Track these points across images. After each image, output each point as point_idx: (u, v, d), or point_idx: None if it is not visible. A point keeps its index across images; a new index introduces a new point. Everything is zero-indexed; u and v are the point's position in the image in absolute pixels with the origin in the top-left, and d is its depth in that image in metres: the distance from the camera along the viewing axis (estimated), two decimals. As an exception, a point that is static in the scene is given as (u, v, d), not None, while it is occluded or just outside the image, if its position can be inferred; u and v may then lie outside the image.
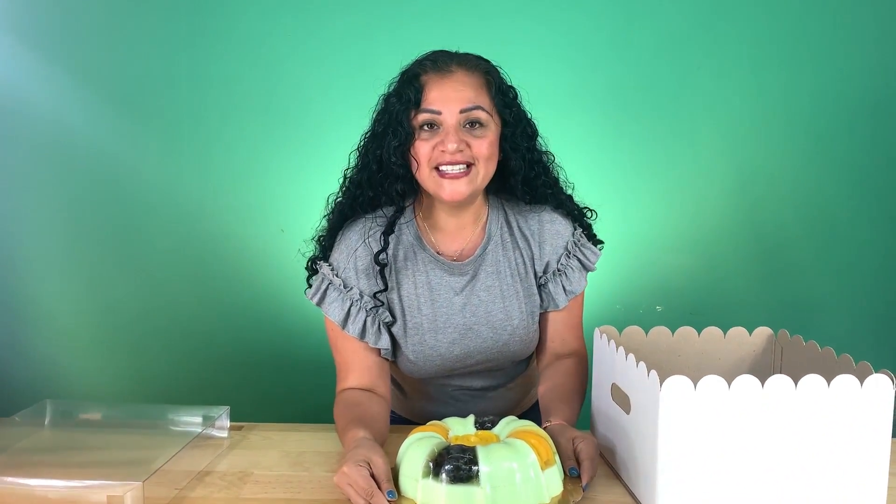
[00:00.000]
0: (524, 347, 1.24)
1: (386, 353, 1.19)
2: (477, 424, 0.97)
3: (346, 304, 1.16)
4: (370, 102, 1.19)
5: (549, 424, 1.06)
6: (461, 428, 0.96)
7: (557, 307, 1.22)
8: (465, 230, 1.21)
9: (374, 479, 0.88)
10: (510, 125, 1.16)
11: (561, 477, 0.92)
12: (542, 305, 1.23)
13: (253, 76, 1.92)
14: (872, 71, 1.92)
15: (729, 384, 0.84)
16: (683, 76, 1.94)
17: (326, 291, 1.17)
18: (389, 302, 1.19)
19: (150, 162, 1.95)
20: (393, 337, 1.20)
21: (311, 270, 1.22)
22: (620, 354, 0.97)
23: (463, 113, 1.10)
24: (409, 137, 1.11)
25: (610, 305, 1.95)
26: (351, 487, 0.88)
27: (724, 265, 2.00)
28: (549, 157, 1.24)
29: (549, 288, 1.22)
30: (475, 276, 1.20)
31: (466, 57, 1.16)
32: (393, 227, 1.17)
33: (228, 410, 1.14)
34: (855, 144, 1.95)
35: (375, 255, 1.16)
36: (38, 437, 1.12)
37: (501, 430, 0.95)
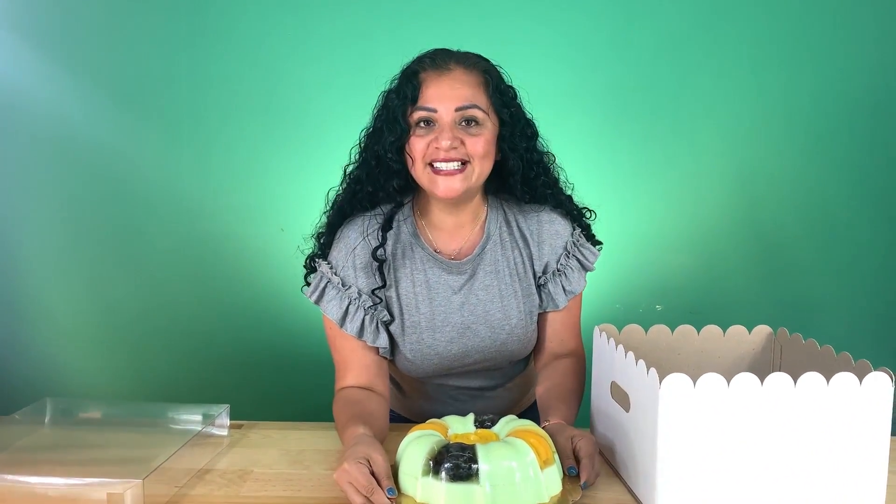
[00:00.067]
0: (522, 347, 1.24)
1: (384, 351, 1.19)
2: (476, 423, 0.97)
3: (344, 302, 1.16)
4: (370, 102, 1.19)
5: (547, 424, 1.06)
6: (461, 426, 0.96)
7: (557, 307, 1.22)
8: (463, 229, 1.21)
9: (373, 476, 0.88)
10: (508, 125, 1.16)
11: (560, 476, 0.92)
12: (541, 305, 1.23)
13: (253, 76, 1.92)
14: (872, 70, 1.93)
15: (728, 382, 0.84)
16: (683, 76, 1.94)
17: (325, 290, 1.17)
18: (387, 300, 1.19)
19: (150, 161, 1.95)
20: (391, 336, 1.20)
21: (309, 268, 1.23)
22: (620, 352, 0.97)
23: (458, 111, 1.10)
24: (405, 133, 1.12)
25: (609, 305, 1.96)
26: (350, 484, 0.88)
27: (723, 265, 2.01)
28: (549, 157, 1.24)
29: (548, 288, 1.22)
30: (473, 275, 1.20)
31: (466, 55, 1.16)
32: (391, 222, 1.18)
33: (228, 409, 1.14)
34: (854, 144, 1.95)
35: (373, 250, 1.16)
36: (38, 435, 1.12)
37: (501, 428, 0.95)
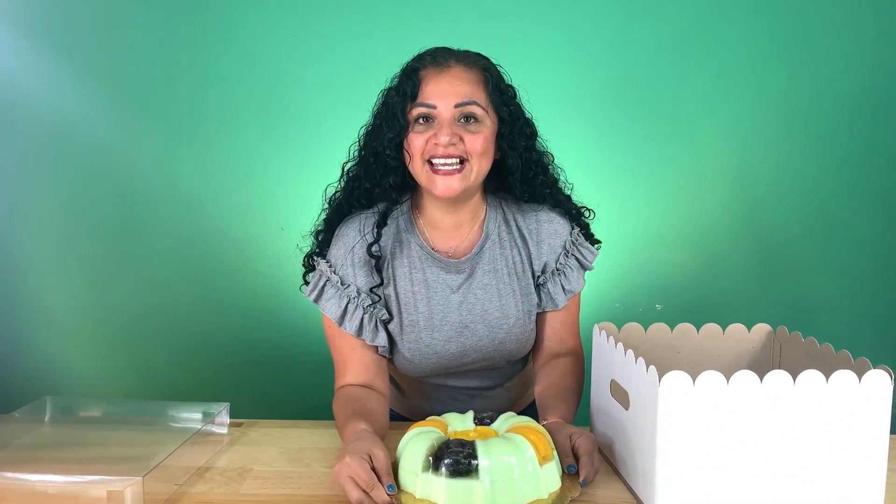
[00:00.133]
0: (520, 346, 1.24)
1: (383, 350, 1.19)
2: (476, 420, 0.97)
3: (343, 301, 1.16)
4: (370, 101, 1.19)
5: (545, 422, 1.06)
6: (460, 423, 0.96)
7: (557, 307, 1.22)
8: (462, 228, 1.21)
9: (374, 472, 0.88)
10: (507, 123, 1.16)
11: (559, 473, 0.92)
12: (540, 305, 1.23)
13: (253, 75, 1.93)
14: (872, 70, 1.93)
15: (727, 380, 0.84)
16: (683, 76, 1.95)
17: (324, 288, 1.17)
18: (386, 298, 1.19)
19: (150, 160, 1.95)
20: (390, 335, 1.20)
21: (307, 267, 1.23)
22: (619, 350, 0.97)
23: (458, 107, 1.10)
24: (403, 130, 1.12)
25: (609, 304, 1.96)
26: (350, 479, 0.87)
27: (723, 264, 2.01)
28: (548, 157, 1.24)
29: (548, 287, 1.22)
30: (472, 274, 1.20)
31: (466, 54, 1.16)
32: (386, 219, 1.17)
33: (228, 407, 1.14)
34: (854, 144, 1.95)
35: (368, 246, 1.16)
36: (38, 433, 1.12)
37: (500, 425, 0.95)
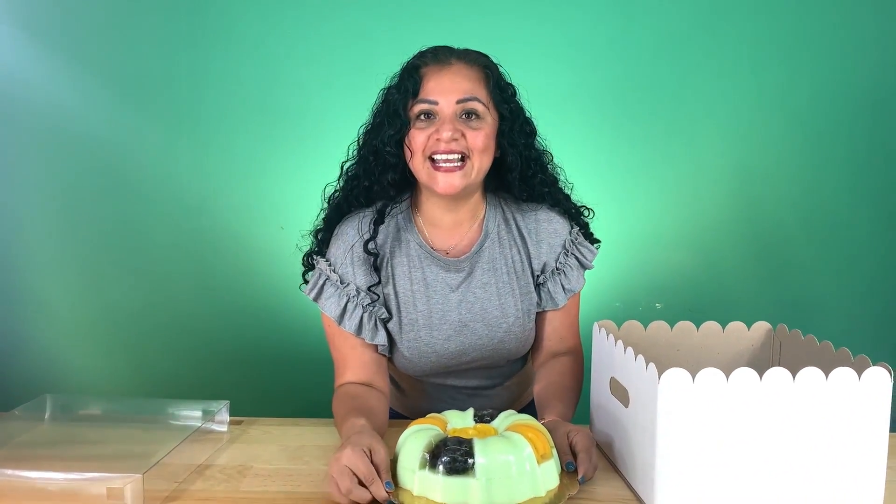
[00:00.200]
0: (519, 346, 1.24)
1: (383, 349, 1.19)
2: (476, 418, 0.97)
3: (342, 300, 1.16)
4: (369, 101, 1.20)
5: (544, 421, 1.05)
6: (460, 421, 0.96)
7: (556, 306, 1.22)
8: (461, 226, 1.21)
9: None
10: (507, 120, 1.16)
11: (558, 471, 0.92)
12: (540, 304, 1.23)
13: (253, 75, 1.93)
14: (871, 70, 1.93)
15: (727, 377, 0.84)
16: (682, 76, 1.95)
17: (323, 287, 1.17)
18: (385, 297, 1.19)
19: (150, 159, 1.95)
20: (389, 333, 1.20)
21: (307, 266, 1.23)
22: (619, 348, 0.97)
23: (459, 103, 1.10)
24: (404, 126, 1.12)
25: (609, 303, 1.96)
26: (346, 470, 0.87)
27: (723, 263, 2.01)
28: (547, 156, 1.24)
29: (547, 287, 1.22)
30: (471, 272, 1.20)
31: (466, 52, 1.17)
32: (383, 216, 1.17)
33: (228, 405, 1.14)
34: (853, 142, 1.96)
35: (365, 243, 1.16)
36: (38, 431, 1.12)
37: (500, 423, 0.95)
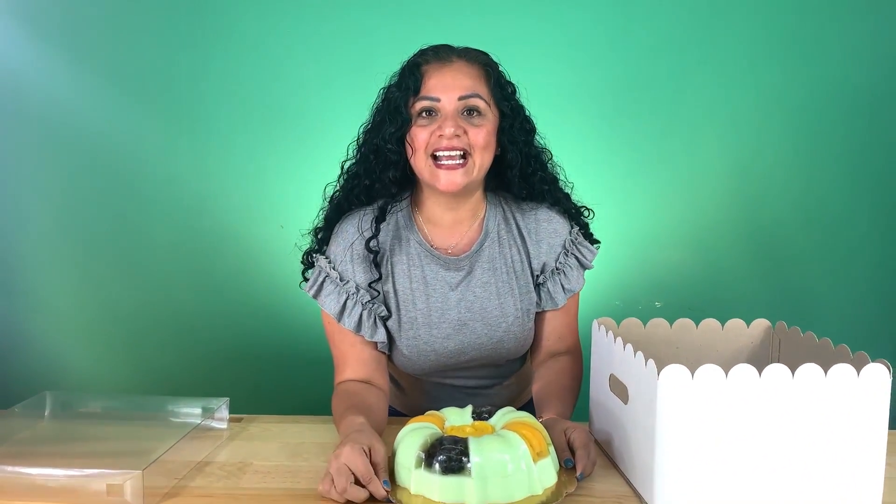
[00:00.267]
0: (518, 345, 1.24)
1: (382, 346, 1.19)
2: (474, 415, 0.97)
3: (342, 297, 1.16)
4: (369, 100, 1.20)
5: (541, 419, 1.05)
6: (458, 418, 0.96)
7: (556, 306, 1.22)
8: (461, 225, 1.21)
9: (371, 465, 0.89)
10: (508, 118, 1.16)
11: (556, 468, 0.92)
12: (540, 305, 1.23)
13: (253, 73, 1.93)
14: (867, 68, 1.94)
15: (726, 373, 0.84)
16: (680, 74, 1.95)
17: (323, 284, 1.18)
18: (385, 295, 1.19)
19: (150, 157, 1.95)
20: (388, 331, 1.20)
21: (306, 263, 1.23)
22: (619, 345, 0.97)
23: (461, 100, 1.11)
24: (406, 124, 1.12)
25: (609, 302, 1.96)
26: (344, 468, 0.87)
27: (722, 261, 2.01)
28: (547, 153, 1.24)
29: (547, 287, 1.22)
30: (471, 271, 1.20)
31: (467, 50, 1.17)
32: (384, 214, 1.18)
33: (228, 402, 1.14)
34: (851, 140, 1.96)
35: (366, 241, 1.16)
36: (37, 428, 1.13)
37: (497, 420, 0.95)
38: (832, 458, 0.86)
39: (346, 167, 1.23)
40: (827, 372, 0.84)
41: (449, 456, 0.86)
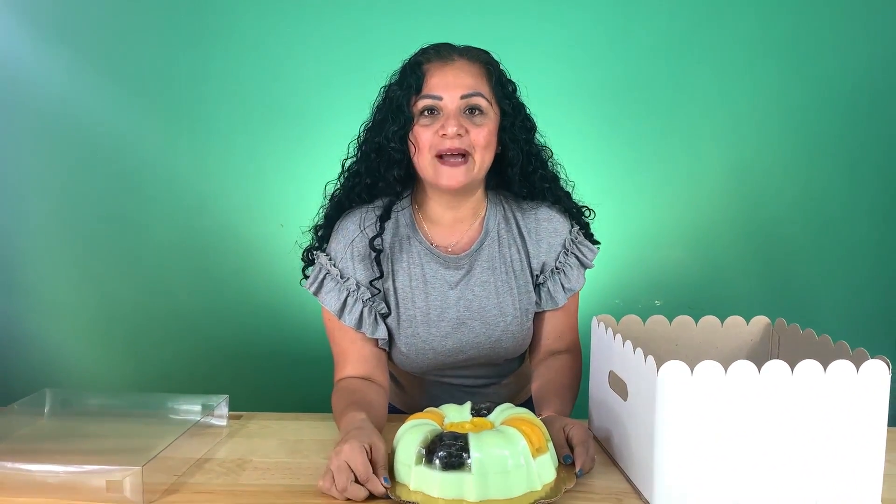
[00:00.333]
0: (517, 344, 1.24)
1: (383, 343, 1.19)
2: (473, 411, 0.97)
3: (342, 294, 1.16)
4: (368, 98, 1.20)
5: (540, 417, 1.05)
6: (457, 415, 0.96)
7: (557, 305, 1.22)
8: (462, 224, 1.21)
9: (371, 463, 0.89)
10: (509, 116, 1.16)
11: (555, 465, 0.92)
12: (540, 304, 1.23)
13: (253, 72, 1.93)
14: (866, 66, 1.94)
15: (726, 370, 0.84)
16: (680, 73, 1.95)
17: (323, 281, 1.18)
18: (384, 293, 1.19)
19: (150, 155, 1.95)
20: (388, 328, 1.20)
21: (306, 261, 1.23)
22: (618, 342, 0.97)
23: (464, 99, 1.11)
24: (408, 122, 1.12)
25: (608, 300, 1.96)
26: (345, 465, 0.87)
27: (722, 260, 2.02)
28: (547, 151, 1.24)
29: (548, 286, 1.22)
30: (470, 270, 1.20)
31: (468, 48, 1.17)
32: (389, 212, 1.18)
33: (227, 399, 1.14)
34: (849, 138, 1.97)
35: (371, 240, 1.16)
36: (37, 425, 1.13)
37: (496, 417, 0.95)
38: (832, 454, 0.86)
39: (346, 165, 1.23)
40: (826, 368, 0.84)
41: (449, 452, 0.86)
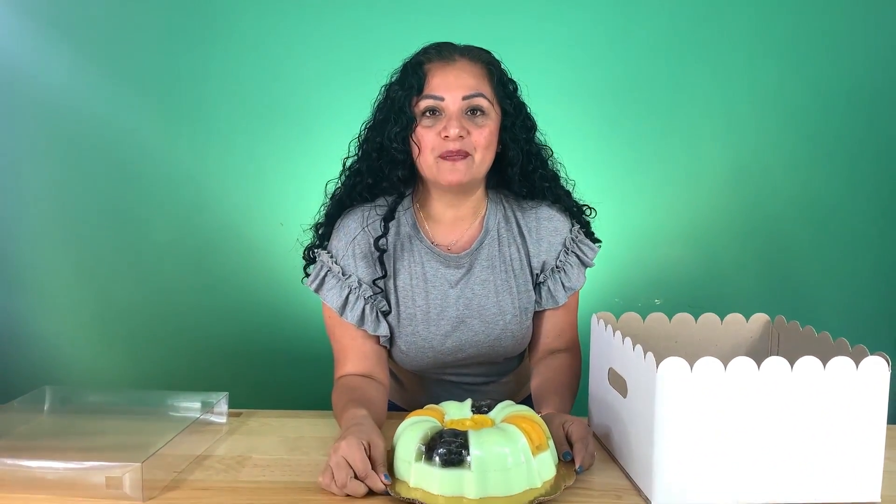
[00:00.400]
0: (516, 343, 1.24)
1: (385, 340, 1.19)
2: (473, 409, 0.97)
3: (344, 291, 1.16)
4: (368, 97, 1.20)
5: (540, 414, 1.06)
6: (457, 412, 0.96)
7: (557, 304, 1.22)
8: (462, 222, 1.21)
9: (370, 461, 0.89)
10: (510, 115, 1.16)
11: (555, 462, 0.92)
12: (540, 304, 1.23)
13: (253, 70, 1.93)
14: (865, 65, 1.94)
15: (725, 366, 0.84)
16: (679, 72, 1.96)
17: (325, 278, 1.18)
18: (386, 291, 1.19)
19: (150, 153, 1.95)
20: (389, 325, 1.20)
21: (307, 259, 1.23)
22: (617, 338, 0.97)
23: (465, 100, 1.11)
24: (410, 123, 1.12)
25: (608, 299, 1.96)
26: (343, 461, 0.87)
27: (721, 258, 2.02)
28: (547, 150, 1.24)
29: (548, 285, 1.22)
30: (470, 269, 1.20)
31: (469, 48, 1.17)
32: (393, 212, 1.18)
33: (227, 396, 1.14)
34: (848, 136, 1.97)
35: (375, 240, 1.16)
36: (37, 422, 1.13)
37: (497, 414, 0.95)
38: (831, 451, 0.86)
39: (347, 164, 1.23)
40: (826, 365, 0.84)
41: (449, 449, 0.86)
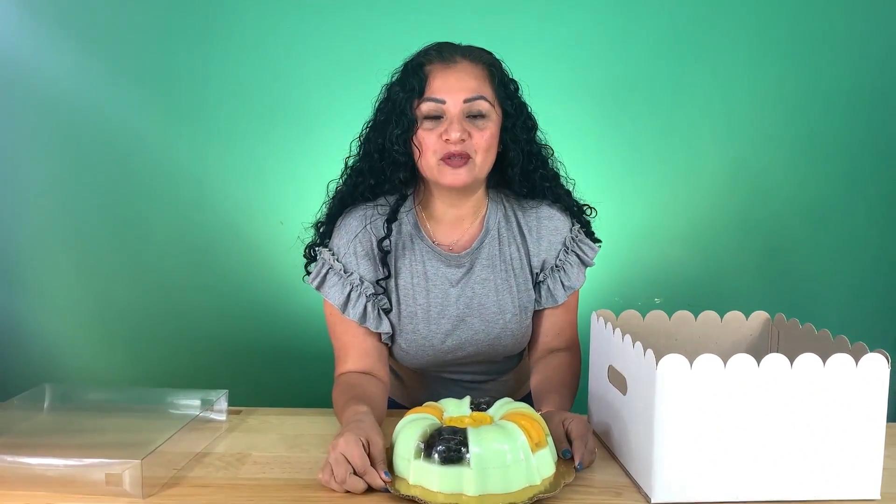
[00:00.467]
0: (516, 342, 1.24)
1: (386, 337, 1.19)
2: (472, 406, 0.97)
3: (346, 288, 1.16)
4: (369, 96, 1.20)
5: (540, 411, 1.06)
6: (456, 409, 0.96)
7: (556, 303, 1.22)
8: (463, 222, 1.21)
9: (369, 458, 0.89)
10: (511, 116, 1.16)
11: (554, 459, 0.92)
12: (540, 303, 1.23)
13: (253, 69, 1.93)
14: (864, 64, 1.95)
15: (725, 363, 0.84)
16: (679, 73, 1.96)
17: (326, 276, 1.18)
18: (387, 289, 1.19)
19: (150, 152, 1.95)
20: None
21: (308, 257, 1.23)
22: (617, 336, 0.97)
23: (467, 102, 1.10)
24: (411, 125, 1.12)
25: (608, 298, 1.96)
26: (342, 457, 0.87)
27: (721, 257, 2.02)
28: (548, 150, 1.24)
29: (547, 284, 1.22)
30: (471, 268, 1.20)
31: (470, 49, 1.17)
32: (396, 214, 1.18)
33: (227, 394, 1.14)
34: (848, 135, 1.97)
35: (379, 241, 1.16)
36: (37, 420, 1.13)
37: (496, 411, 0.95)
38: (831, 448, 0.86)
39: (349, 163, 1.22)
40: (825, 362, 0.84)
41: (448, 446, 0.86)
